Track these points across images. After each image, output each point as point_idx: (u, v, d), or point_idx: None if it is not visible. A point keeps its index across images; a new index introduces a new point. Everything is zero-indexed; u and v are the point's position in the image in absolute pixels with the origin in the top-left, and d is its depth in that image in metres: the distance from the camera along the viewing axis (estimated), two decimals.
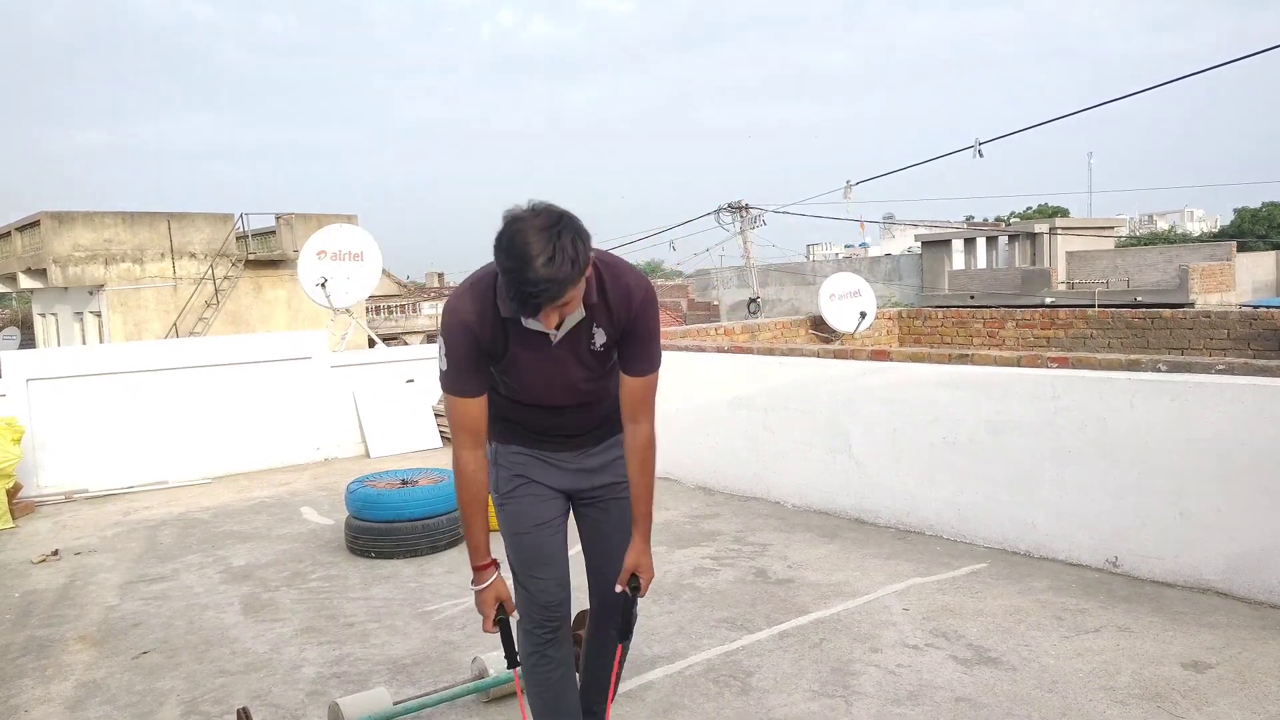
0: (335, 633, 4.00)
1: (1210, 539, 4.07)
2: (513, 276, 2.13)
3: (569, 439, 2.58)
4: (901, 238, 58.87)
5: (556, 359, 2.41)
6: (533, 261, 2.09)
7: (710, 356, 6.61)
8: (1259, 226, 53.20)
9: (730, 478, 6.28)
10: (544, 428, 2.55)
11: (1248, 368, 4.12)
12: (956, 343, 10.89)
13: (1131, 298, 25.48)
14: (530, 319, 2.26)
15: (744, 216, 26.46)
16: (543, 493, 2.58)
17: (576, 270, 2.16)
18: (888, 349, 5.90)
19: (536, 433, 2.56)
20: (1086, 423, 4.44)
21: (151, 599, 4.57)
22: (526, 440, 2.58)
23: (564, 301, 2.19)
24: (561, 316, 2.27)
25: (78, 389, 7.21)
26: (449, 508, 5.22)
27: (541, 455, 2.58)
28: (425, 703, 3.21)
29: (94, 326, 23.87)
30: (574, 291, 2.21)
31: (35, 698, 3.51)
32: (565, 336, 2.38)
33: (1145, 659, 3.43)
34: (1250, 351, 8.72)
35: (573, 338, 2.40)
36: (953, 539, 5.00)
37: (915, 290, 31.86)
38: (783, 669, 3.47)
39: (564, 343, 2.39)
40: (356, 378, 8.43)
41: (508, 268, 2.14)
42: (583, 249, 2.17)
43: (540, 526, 2.56)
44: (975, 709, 3.10)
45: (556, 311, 2.23)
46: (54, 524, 6.23)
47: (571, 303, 2.24)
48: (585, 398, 2.50)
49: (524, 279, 2.11)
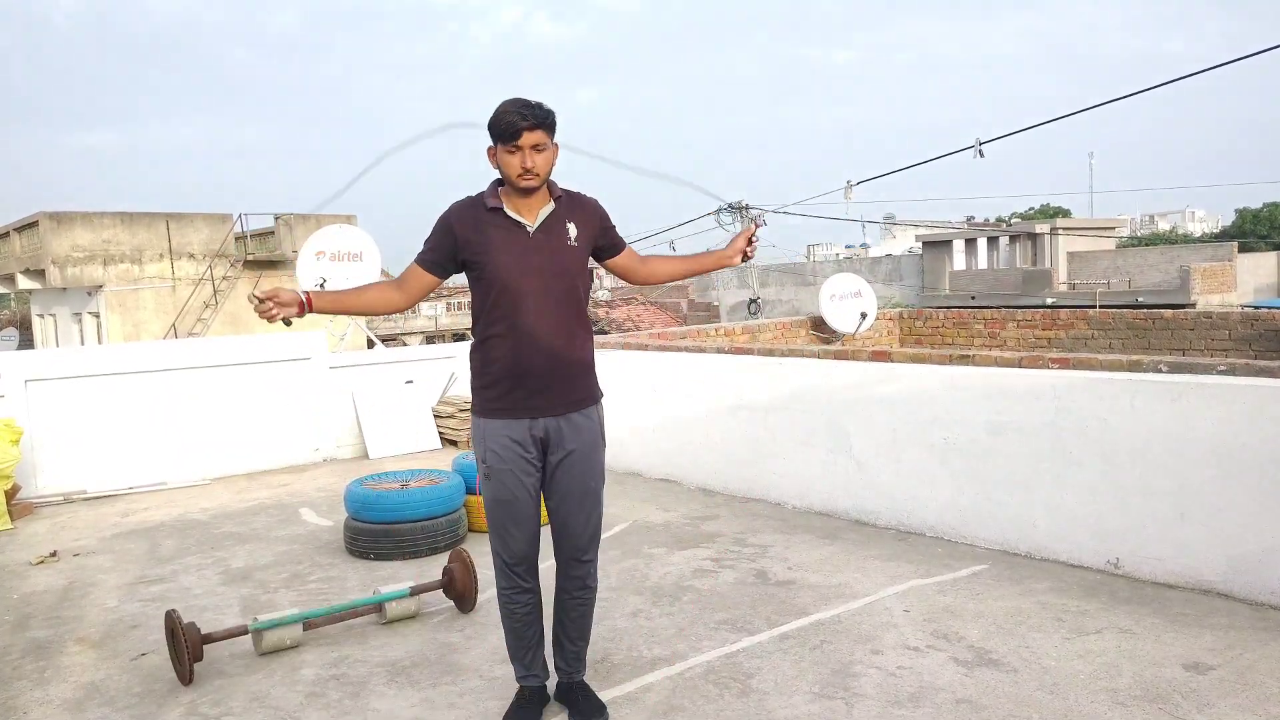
0: (334, 634, 3.99)
1: (1211, 540, 4.06)
2: (500, 111, 2.79)
3: (550, 391, 2.91)
4: (902, 238, 58.87)
5: (536, 245, 2.88)
6: (514, 100, 2.81)
7: (710, 357, 6.60)
8: (1260, 227, 53.21)
9: (730, 479, 6.27)
10: (533, 361, 2.88)
11: (1249, 369, 4.12)
12: (957, 343, 10.88)
13: (1133, 298, 25.48)
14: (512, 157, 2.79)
15: (744, 216, 26.45)
16: (519, 470, 2.94)
17: (551, 114, 2.82)
18: (888, 350, 5.89)
19: (523, 374, 2.89)
20: (1087, 424, 4.43)
21: (150, 600, 4.56)
22: (507, 406, 2.92)
23: (538, 142, 2.78)
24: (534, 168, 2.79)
25: (76, 390, 7.20)
26: (449, 509, 5.21)
27: (519, 428, 2.92)
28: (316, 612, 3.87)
29: (92, 327, 23.86)
30: (546, 139, 2.80)
31: (34, 699, 3.50)
32: (541, 228, 2.88)
33: (1146, 660, 3.42)
34: (1251, 352, 8.71)
35: (548, 230, 2.89)
36: (953, 540, 4.99)
37: (916, 291, 31.87)
38: (783, 671, 3.46)
39: (541, 233, 2.88)
40: (355, 379, 8.41)
41: (497, 110, 2.80)
42: (553, 114, 2.83)
43: (516, 500, 2.96)
44: (976, 711, 3.09)
45: (531, 155, 2.77)
46: (53, 525, 6.22)
47: (544, 154, 2.81)
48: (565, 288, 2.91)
49: (509, 107, 2.78)
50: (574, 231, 2.93)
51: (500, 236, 2.86)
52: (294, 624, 3.82)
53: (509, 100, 2.83)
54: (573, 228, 2.93)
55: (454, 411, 8.43)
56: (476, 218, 2.89)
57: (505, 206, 2.88)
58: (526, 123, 2.77)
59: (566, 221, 2.93)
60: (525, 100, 2.83)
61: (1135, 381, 4.29)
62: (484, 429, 2.98)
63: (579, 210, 2.99)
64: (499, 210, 2.88)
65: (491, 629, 3.97)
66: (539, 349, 2.89)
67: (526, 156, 2.79)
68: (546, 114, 2.82)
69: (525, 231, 2.88)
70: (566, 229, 2.93)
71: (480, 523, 5.48)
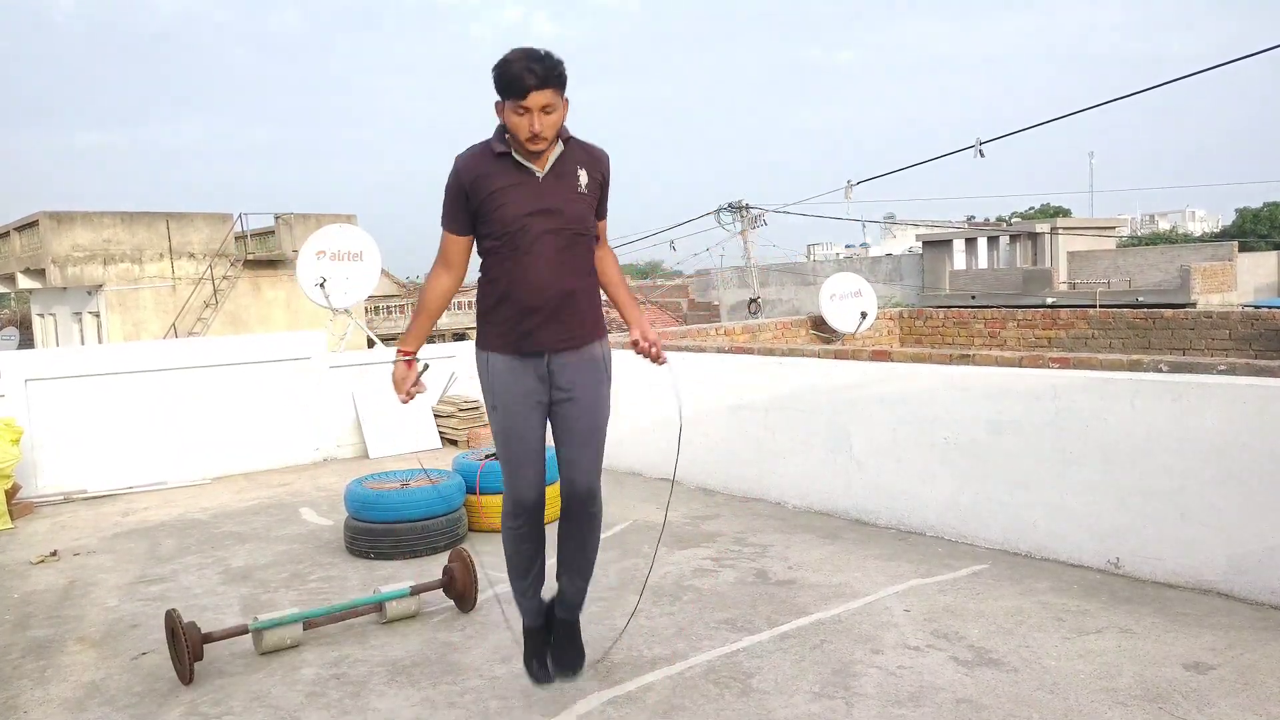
0: (334, 633, 3.99)
1: (1212, 540, 4.06)
2: (506, 62, 2.69)
3: (555, 328, 2.92)
4: (902, 238, 58.88)
5: (547, 188, 2.85)
6: (521, 49, 2.70)
7: (710, 357, 6.60)
8: (1260, 226, 53.22)
9: (731, 479, 6.27)
10: (538, 298, 2.87)
11: (1249, 368, 4.12)
12: (957, 343, 10.88)
13: (1133, 298, 25.48)
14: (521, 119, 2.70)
15: (744, 216, 26.45)
16: (527, 401, 2.98)
17: (560, 66, 2.71)
18: (889, 349, 5.89)
19: (528, 311, 2.88)
20: (1088, 423, 4.42)
21: (150, 600, 4.56)
22: (513, 340, 2.93)
23: (547, 104, 2.69)
24: (543, 133, 2.72)
25: (76, 389, 7.20)
26: (448, 509, 5.21)
27: (525, 363, 2.94)
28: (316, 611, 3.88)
29: (92, 327, 23.87)
30: (556, 99, 2.71)
31: (34, 699, 3.50)
32: (551, 171, 2.85)
33: (1147, 660, 3.42)
34: (1252, 352, 8.71)
35: (558, 173, 2.86)
36: (954, 540, 4.98)
37: (916, 290, 31.86)
38: (783, 670, 3.46)
39: (551, 177, 2.86)
40: (355, 378, 8.41)
41: (503, 60, 2.70)
42: (563, 66, 2.72)
43: (522, 435, 3.01)
44: (976, 710, 3.09)
45: (541, 118, 2.69)
46: (53, 525, 6.22)
47: (553, 115, 2.73)
48: (573, 233, 2.88)
49: (515, 58, 2.67)
50: (584, 178, 2.91)
51: (508, 180, 2.83)
52: (294, 623, 3.82)
53: (516, 50, 2.72)
54: (583, 174, 2.91)
55: (454, 411, 8.43)
56: (483, 164, 2.85)
57: (513, 151, 2.84)
58: (534, 80, 2.67)
59: (577, 168, 2.90)
60: (533, 52, 2.70)
61: (1135, 381, 4.29)
62: (488, 362, 3.00)
63: (589, 158, 2.95)
64: (506, 155, 2.84)
65: (491, 629, 3.97)
66: (545, 289, 2.88)
67: (535, 119, 2.72)
68: (555, 67, 2.71)
69: (534, 176, 2.85)
70: (577, 175, 2.90)
71: (480, 522, 5.48)
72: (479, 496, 5.48)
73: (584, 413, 3.03)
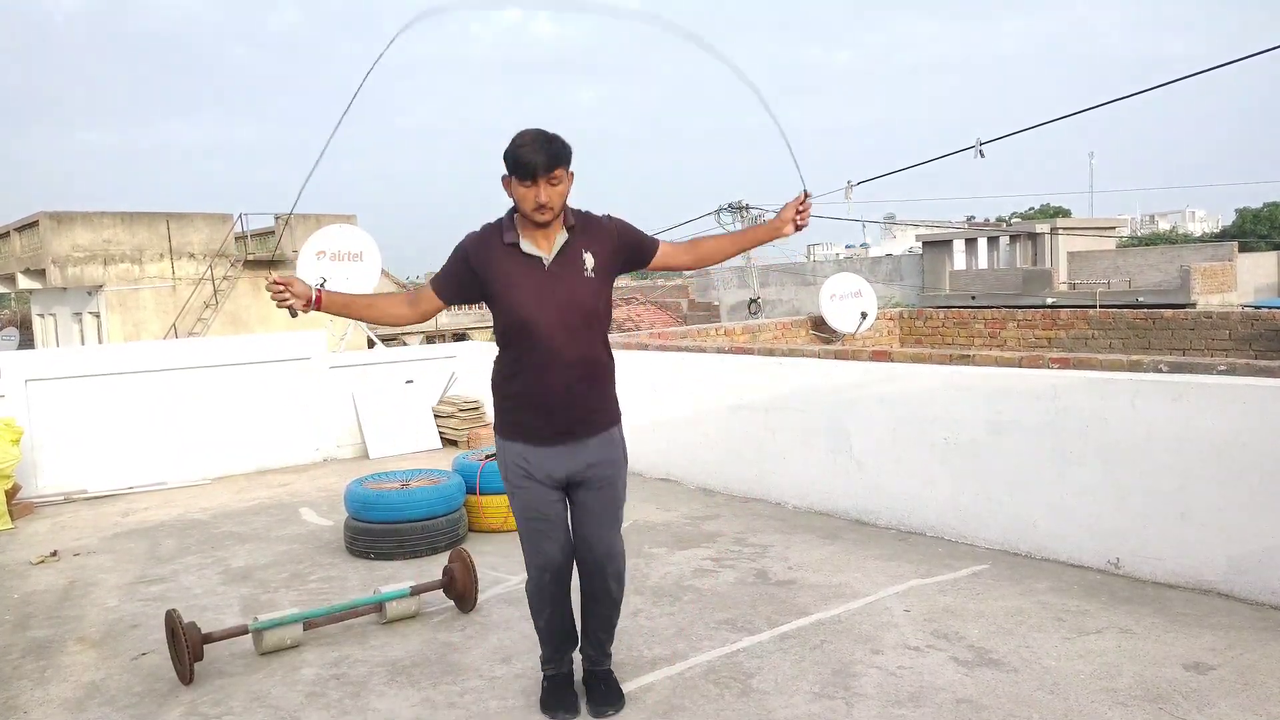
0: (334, 634, 3.99)
1: (1212, 540, 4.06)
2: (515, 145, 2.78)
3: (570, 419, 2.96)
4: (902, 238, 58.88)
5: (553, 276, 2.90)
6: (532, 132, 2.79)
7: (711, 357, 6.61)
8: (1260, 227, 53.21)
9: (731, 479, 6.27)
10: (551, 395, 2.93)
11: (1249, 368, 4.12)
12: (957, 343, 10.88)
13: (1133, 298, 25.47)
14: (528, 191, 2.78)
15: (744, 216, 26.44)
16: (545, 483, 3.02)
17: (566, 149, 2.80)
18: (889, 349, 5.90)
19: (543, 405, 2.94)
20: (1088, 423, 4.42)
21: (151, 600, 4.56)
22: (529, 433, 2.99)
23: (554, 177, 2.78)
24: (549, 203, 2.79)
25: (76, 390, 7.20)
26: (449, 509, 5.21)
27: (541, 451, 2.99)
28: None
29: (93, 327, 23.86)
30: (562, 173, 2.80)
31: (34, 699, 3.50)
32: (557, 259, 2.90)
33: (1147, 660, 3.42)
34: (1252, 352, 8.71)
35: (564, 261, 2.91)
36: (954, 540, 4.98)
37: (916, 291, 31.84)
38: (783, 671, 3.46)
39: (557, 265, 2.90)
40: (356, 378, 8.41)
41: (513, 143, 2.78)
42: (569, 148, 2.81)
43: (544, 516, 3.04)
44: (976, 711, 3.09)
45: (547, 189, 2.77)
46: (53, 525, 6.22)
47: (559, 187, 2.81)
48: (582, 320, 2.93)
49: (525, 143, 2.76)
50: (590, 262, 2.94)
51: (516, 270, 2.90)
52: (294, 624, 3.82)
53: (525, 133, 2.81)
54: (589, 258, 2.94)
55: (454, 411, 8.43)
56: (492, 251, 2.92)
57: (521, 240, 2.91)
58: (543, 163, 2.77)
59: (583, 251, 2.94)
60: (542, 135, 2.80)
61: (1135, 381, 4.29)
62: (505, 450, 3.06)
63: (594, 236, 2.98)
64: (515, 245, 2.91)
65: (491, 629, 3.97)
66: (557, 381, 2.93)
67: (542, 191, 2.80)
68: (562, 150, 2.81)
69: (541, 264, 2.90)
70: (583, 260, 2.94)
71: (480, 522, 5.49)
72: (479, 497, 5.48)
73: (602, 498, 3.08)
